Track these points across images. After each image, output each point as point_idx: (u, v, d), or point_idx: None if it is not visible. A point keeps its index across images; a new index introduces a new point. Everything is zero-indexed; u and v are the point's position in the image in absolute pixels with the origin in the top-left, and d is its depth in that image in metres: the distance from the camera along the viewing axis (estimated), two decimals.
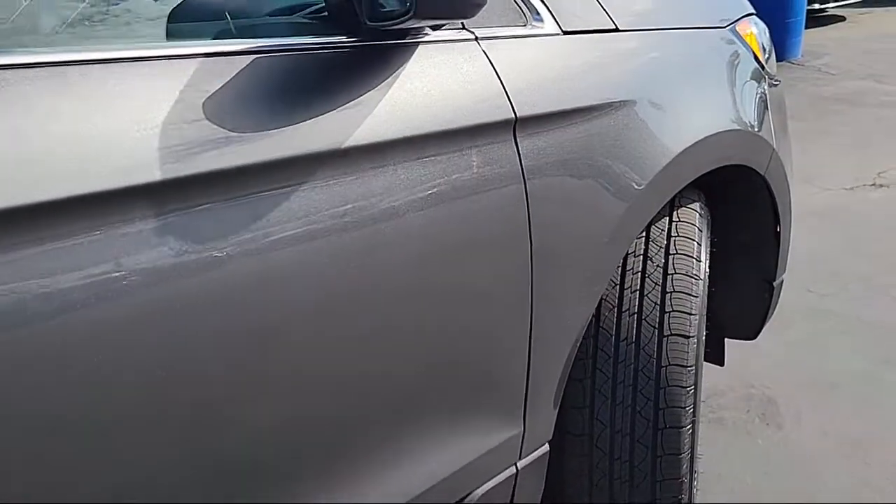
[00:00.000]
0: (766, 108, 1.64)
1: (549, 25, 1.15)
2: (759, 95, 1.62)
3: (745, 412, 2.09)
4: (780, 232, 1.76)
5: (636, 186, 1.23)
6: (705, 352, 1.84)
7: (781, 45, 6.18)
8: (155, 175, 0.73)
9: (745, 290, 1.85)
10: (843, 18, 8.31)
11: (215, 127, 0.78)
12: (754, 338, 1.93)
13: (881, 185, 3.72)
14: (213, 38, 0.93)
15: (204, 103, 0.79)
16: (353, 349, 0.93)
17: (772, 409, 2.09)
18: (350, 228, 0.88)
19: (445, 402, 1.08)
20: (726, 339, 1.94)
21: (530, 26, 1.13)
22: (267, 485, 0.87)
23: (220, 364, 0.79)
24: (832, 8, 8.20)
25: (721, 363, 1.95)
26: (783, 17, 6.14)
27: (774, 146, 1.62)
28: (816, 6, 7.66)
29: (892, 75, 5.79)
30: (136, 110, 0.75)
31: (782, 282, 1.87)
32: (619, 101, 1.22)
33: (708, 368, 1.94)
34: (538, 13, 1.14)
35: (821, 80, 5.76)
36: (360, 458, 0.97)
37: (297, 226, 0.84)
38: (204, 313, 0.76)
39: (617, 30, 1.28)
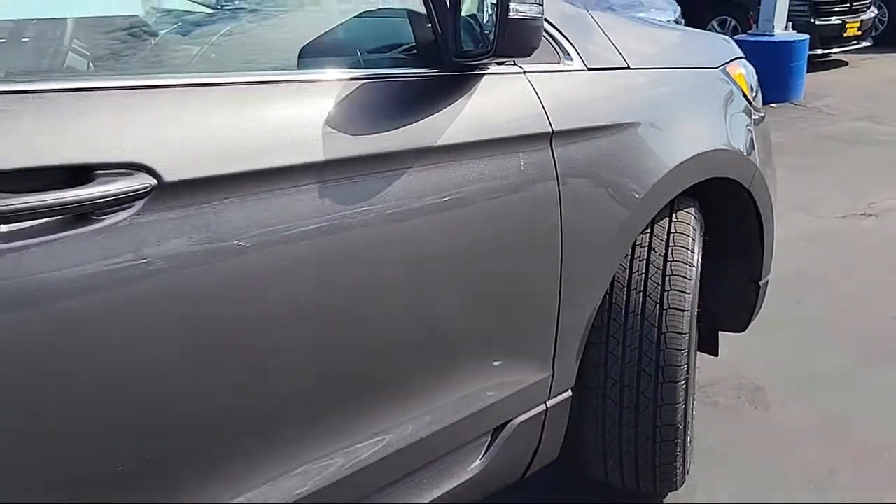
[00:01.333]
0: (750, 134, 1.98)
1: (577, 63, 1.52)
2: (744, 124, 1.97)
3: (737, 398, 2.40)
4: (764, 239, 2.08)
5: (637, 196, 1.58)
6: (702, 342, 2.18)
7: (784, 87, 6.56)
8: (299, 159, 1.08)
9: (735, 289, 2.18)
10: (845, 63, 8.71)
11: (333, 130, 1.13)
12: (743, 330, 2.25)
13: (871, 215, 4.05)
14: (332, 69, 1.29)
15: (328, 113, 1.14)
16: (437, 298, 1.28)
17: (760, 395, 2.41)
18: (436, 205, 1.23)
19: (495, 345, 1.42)
20: (720, 333, 2.26)
21: (563, 63, 1.50)
22: (363, 397, 1.21)
23: (362, 289, 1.15)
24: (835, 53, 8.60)
25: (715, 353, 2.27)
26: (787, 61, 6.53)
27: (758, 166, 1.96)
28: (819, 51, 8.06)
29: (889, 117, 6.15)
30: (296, 116, 1.11)
31: (767, 282, 2.20)
32: (628, 123, 1.57)
33: (704, 359, 2.27)
34: (569, 54, 1.51)
35: (821, 119, 6.12)
36: (438, 380, 1.32)
37: (398, 202, 1.19)
38: (360, 251, 1.13)
39: (629, 68, 1.64)
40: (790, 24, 6.73)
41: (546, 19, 1.32)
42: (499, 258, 1.37)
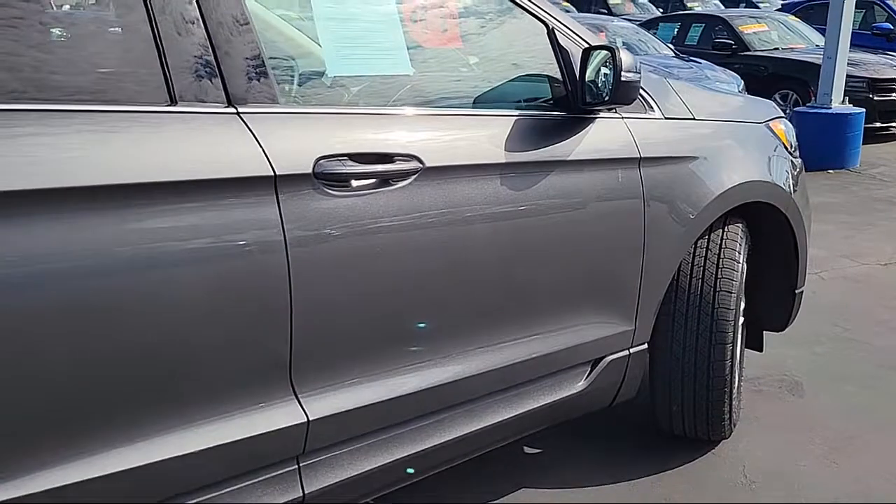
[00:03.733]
0: (787, 174, 2.61)
1: (657, 113, 2.21)
2: (781, 165, 2.60)
3: (778, 388, 2.98)
4: (798, 255, 2.69)
5: (695, 208, 2.24)
6: (749, 340, 2.77)
7: (841, 155, 7.10)
8: (489, 160, 1.80)
9: (778, 296, 2.78)
10: None
11: (505, 144, 1.84)
12: (782, 330, 2.84)
13: None
14: (496, 110, 2.00)
15: (501, 135, 1.85)
16: (565, 260, 1.96)
17: (797, 387, 2.98)
18: (566, 201, 1.93)
19: (598, 301, 2.09)
20: (764, 333, 2.86)
21: (647, 113, 2.19)
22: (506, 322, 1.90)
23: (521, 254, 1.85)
24: (894, 127, 9.08)
25: (761, 349, 2.86)
26: (843, 132, 7.09)
27: (793, 196, 2.59)
28: (878, 125, 8.55)
29: None
30: (485, 135, 1.83)
31: (802, 291, 2.79)
32: (691, 156, 2.25)
33: (751, 357, 2.85)
34: (651, 106, 2.20)
35: (873, 185, 6.62)
36: (564, 316, 2.00)
37: (543, 194, 1.89)
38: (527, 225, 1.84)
39: (694, 119, 2.32)
40: (847, 98, 7.30)
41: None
42: (603, 240, 2.06)
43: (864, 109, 7.35)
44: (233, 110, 1.44)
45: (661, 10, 18.48)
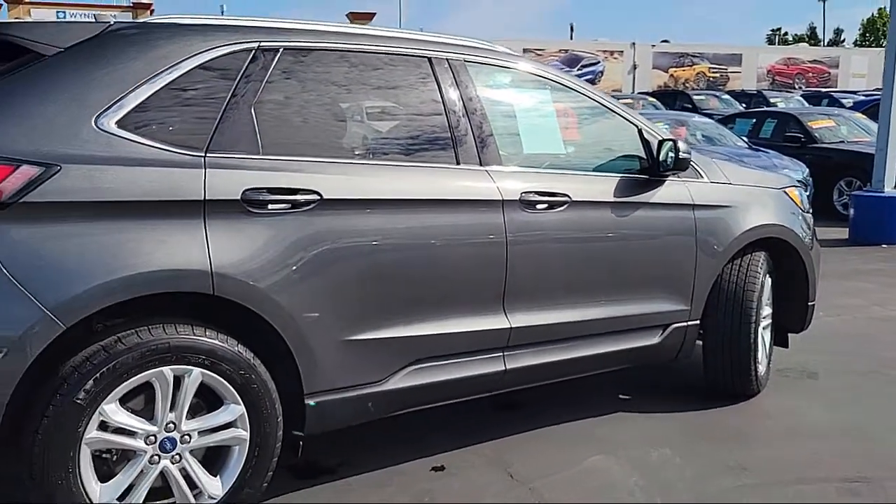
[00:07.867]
0: (795, 222, 3.95)
1: (705, 178, 3.64)
2: (792, 216, 3.95)
3: (799, 374, 4.22)
4: (808, 277, 4.00)
5: (728, 239, 3.63)
6: (777, 339, 4.07)
7: (893, 231, 8.24)
8: (604, 199, 3.28)
9: (797, 307, 4.09)
10: None
11: (613, 192, 3.31)
12: (801, 332, 4.12)
13: None
14: (608, 173, 3.46)
15: (610, 187, 3.33)
16: (650, 262, 3.40)
17: (814, 375, 4.22)
18: (649, 231, 3.38)
19: (668, 288, 3.49)
20: (789, 334, 4.15)
21: (699, 178, 3.62)
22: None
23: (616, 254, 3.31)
24: None
25: (786, 346, 4.15)
26: (890, 213, 8.26)
27: (800, 236, 3.93)
28: None
29: None
30: (602, 188, 3.32)
31: (814, 304, 4.08)
32: (725, 206, 3.66)
33: (779, 353, 4.13)
34: (701, 175, 3.64)
35: None
36: (647, 294, 3.42)
37: (635, 221, 3.35)
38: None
39: (729, 183, 3.74)
40: None
41: (692, 160, 3.48)
42: (671, 253, 3.48)
43: None
44: (483, 168, 2.98)
45: (744, 105, 19.84)
